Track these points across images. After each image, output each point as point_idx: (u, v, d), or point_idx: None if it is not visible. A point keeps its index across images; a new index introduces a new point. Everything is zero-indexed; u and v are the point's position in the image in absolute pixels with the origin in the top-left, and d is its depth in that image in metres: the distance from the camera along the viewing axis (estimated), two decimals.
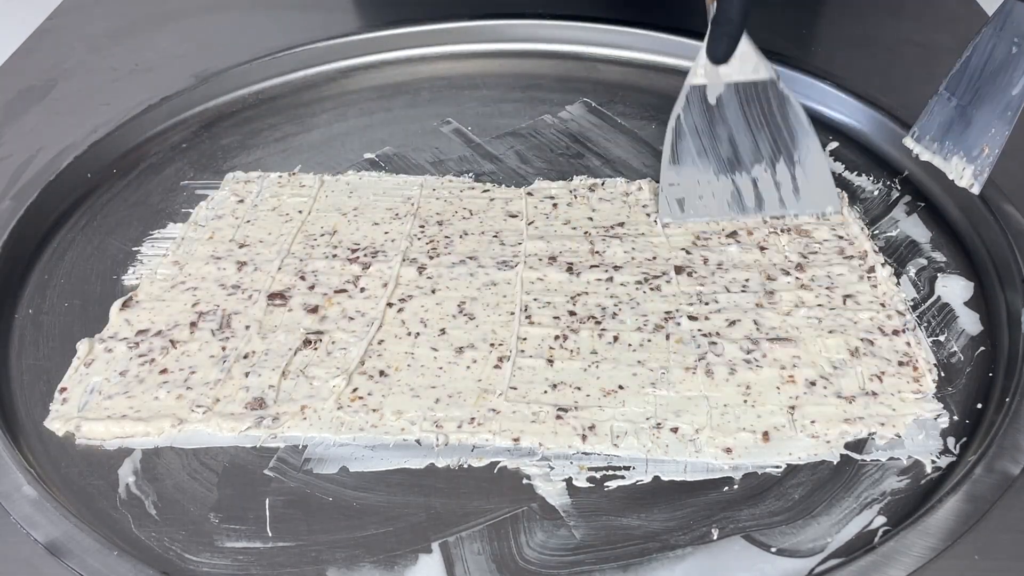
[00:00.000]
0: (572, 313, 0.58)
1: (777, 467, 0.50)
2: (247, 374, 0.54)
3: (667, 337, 0.56)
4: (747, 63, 0.60)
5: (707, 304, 0.58)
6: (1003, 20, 0.58)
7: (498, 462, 0.50)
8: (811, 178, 0.61)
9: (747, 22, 0.59)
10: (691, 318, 0.57)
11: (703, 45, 0.60)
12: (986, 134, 0.58)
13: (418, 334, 0.57)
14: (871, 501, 0.48)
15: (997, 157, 0.58)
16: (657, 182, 0.68)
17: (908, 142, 0.63)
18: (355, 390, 0.54)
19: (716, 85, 0.61)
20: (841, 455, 0.50)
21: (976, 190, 0.59)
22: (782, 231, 0.63)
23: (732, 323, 0.57)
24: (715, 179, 0.62)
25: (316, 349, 0.56)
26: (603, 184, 0.68)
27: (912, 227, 0.64)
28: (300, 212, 0.66)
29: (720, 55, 0.59)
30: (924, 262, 0.61)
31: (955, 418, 0.52)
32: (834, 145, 0.71)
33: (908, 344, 0.55)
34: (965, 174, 0.59)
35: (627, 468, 0.50)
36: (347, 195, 0.68)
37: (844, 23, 0.84)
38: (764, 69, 0.61)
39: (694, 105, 0.61)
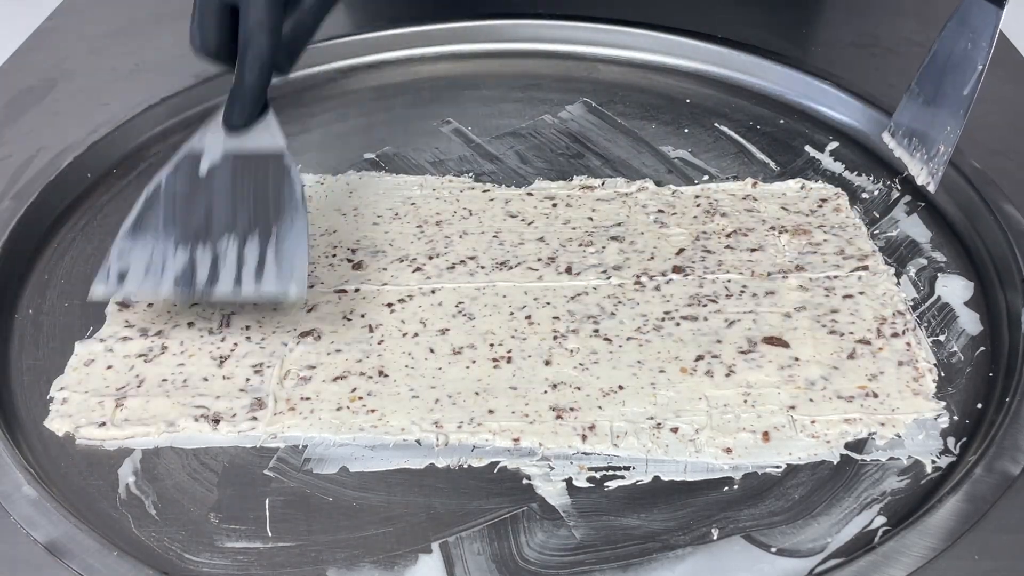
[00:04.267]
0: (571, 313, 0.58)
1: (777, 467, 0.50)
2: (246, 375, 0.54)
3: (666, 337, 0.56)
4: (261, 133, 0.53)
5: (706, 305, 0.58)
6: (964, 15, 0.59)
7: (498, 462, 0.50)
8: (282, 259, 0.52)
9: (266, 88, 0.52)
10: (690, 318, 0.57)
11: (215, 120, 0.54)
12: (943, 132, 0.59)
13: (416, 334, 0.57)
14: (871, 501, 0.48)
15: (950, 155, 0.58)
16: (658, 184, 0.68)
17: (886, 137, 0.63)
18: (355, 390, 0.54)
19: (214, 152, 0.53)
20: (841, 455, 0.50)
21: (932, 188, 0.59)
22: (781, 232, 0.63)
23: (731, 323, 0.57)
24: (172, 251, 0.52)
25: (315, 349, 0.56)
26: (603, 184, 0.68)
27: (912, 227, 0.64)
28: None
29: (235, 122, 0.53)
30: (924, 262, 0.61)
31: (955, 418, 0.52)
32: (834, 145, 0.71)
33: (908, 344, 0.55)
34: (922, 172, 0.60)
35: (627, 468, 0.50)
36: (347, 195, 0.68)
37: (844, 23, 0.84)
38: (271, 140, 0.54)
39: (182, 172, 0.53)
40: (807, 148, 0.71)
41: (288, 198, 0.53)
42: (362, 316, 0.58)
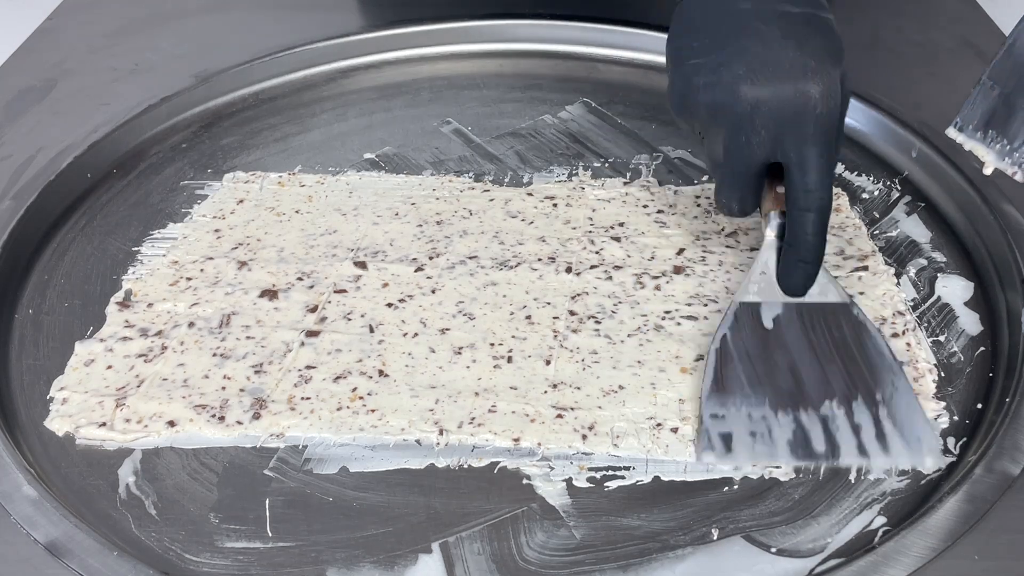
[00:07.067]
0: (572, 313, 0.58)
1: (777, 467, 0.50)
2: (247, 374, 0.54)
3: (666, 337, 0.56)
4: (822, 284, 0.53)
5: (706, 305, 0.58)
6: None
7: (498, 462, 0.50)
8: (901, 423, 0.49)
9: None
10: (691, 318, 0.57)
11: (759, 265, 0.53)
12: None
13: (417, 334, 0.57)
14: (871, 501, 0.48)
15: None
16: (658, 183, 0.68)
17: (951, 132, 0.62)
18: (355, 390, 0.54)
19: (773, 304, 0.52)
20: None
21: (1020, 177, 0.58)
22: None
23: None
24: (772, 414, 0.50)
25: (316, 348, 0.56)
26: (603, 184, 0.68)
27: (912, 227, 0.64)
28: (299, 212, 0.66)
29: (802, 292, 0.51)
30: (924, 262, 0.61)
31: (955, 418, 0.52)
32: None
33: (908, 344, 0.55)
34: (1004, 162, 0.59)
35: (627, 468, 0.50)
36: (347, 195, 0.68)
37: (844, 23, 0.84)
38: (834, 291, 0.53)
39: (744, 326, 0.52)
40: None
41: (877, 355, 0.51)
42: (362, 316, 0.58)
